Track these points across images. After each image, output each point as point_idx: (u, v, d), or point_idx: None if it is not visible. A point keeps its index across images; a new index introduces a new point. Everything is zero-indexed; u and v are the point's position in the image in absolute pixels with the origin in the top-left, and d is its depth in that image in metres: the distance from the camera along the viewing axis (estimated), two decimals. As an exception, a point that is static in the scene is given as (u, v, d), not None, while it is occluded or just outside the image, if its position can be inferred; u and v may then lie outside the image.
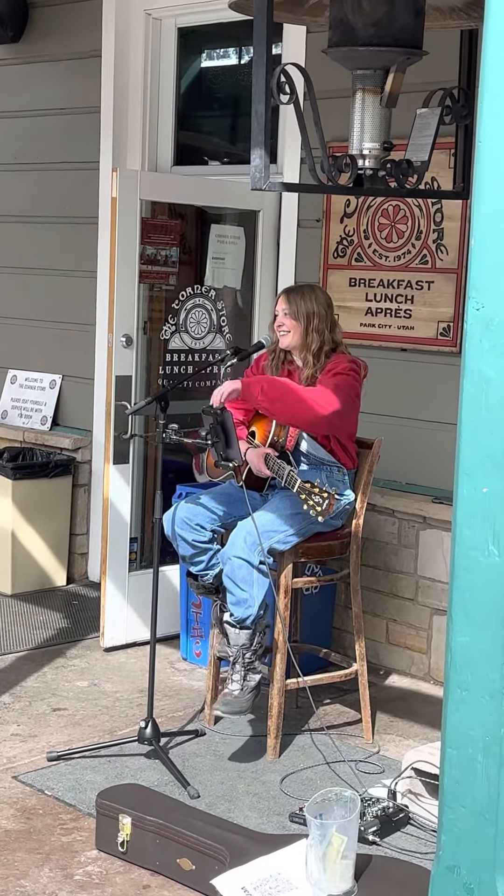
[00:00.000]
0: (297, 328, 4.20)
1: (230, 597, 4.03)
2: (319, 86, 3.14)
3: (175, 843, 3.32)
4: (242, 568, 3.97)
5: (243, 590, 3.98)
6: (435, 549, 4.86)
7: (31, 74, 6.44)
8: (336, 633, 5.14)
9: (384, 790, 3.76)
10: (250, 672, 4.03)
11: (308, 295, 4.24)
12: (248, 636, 4.02)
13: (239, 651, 4.02)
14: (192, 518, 4.22)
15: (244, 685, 4.01)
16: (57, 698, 4.62)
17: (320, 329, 4.19)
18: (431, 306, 4.94)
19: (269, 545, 4.00)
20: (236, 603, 4.01)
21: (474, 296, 2.25)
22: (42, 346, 6.47)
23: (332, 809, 3.13)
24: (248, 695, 4.01)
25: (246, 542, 3.97)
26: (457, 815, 2.39)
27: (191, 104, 6.29)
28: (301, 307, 4.20)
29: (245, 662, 4.02)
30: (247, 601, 3.99)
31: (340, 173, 3.17)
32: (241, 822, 3.62)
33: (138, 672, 4.89)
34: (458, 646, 2.35)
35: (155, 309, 5.48)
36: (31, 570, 5.97)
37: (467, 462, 2.31)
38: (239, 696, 4.00)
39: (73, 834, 3.57)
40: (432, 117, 3.30)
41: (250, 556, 3.96)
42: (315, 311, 4.20)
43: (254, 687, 4.03)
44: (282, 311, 4.24)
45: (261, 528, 3.97)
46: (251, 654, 4.03)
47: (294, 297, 4.24)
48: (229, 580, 4.02)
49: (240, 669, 4.02)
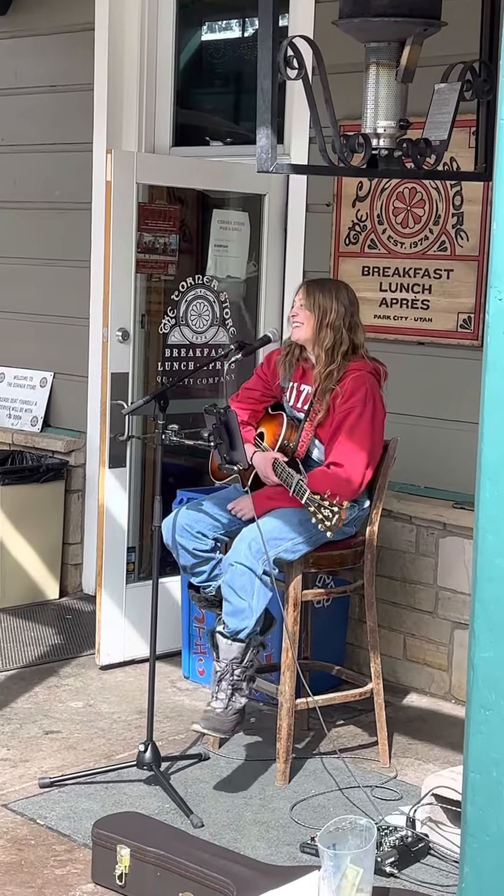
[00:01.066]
0: (309, 321, 4.20)
1: (226, 605, 4.02)
2: (330, 60, 3.14)
3: (177, 875, 3.32)
4: (244, 575, 3.96)
5: (242, 598, 3.97)
6: (456, 558, 4.86)
7: (18, 49, 6.46)
8: (350, 648, 5.14)
9: (402, 818, 3.76)
10: (237, 692, 3.99)
11: (329, 289, 4.23)
12: (241, 650, 4.00)
13: (228, 666, 3.99)
14: (194, 525, 4.22)
15: (229, 705, 3.98)
16: (49, 720, 4.62)
17: (336, 326, 4.17)
18: (451, 296, 4.94)
19: (275, 554, 4.00)
20: (232, 613, 4.00)
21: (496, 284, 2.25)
22: (32, 341, 6.48)
23: (347, 839, 3.13)
24: (231, 716, 3.98)
25: (250, 548, 3.97)
26: (480, 845, 2.39)
27: (191, 81, 6.30)
28: (317, 299, 4.19)
29: (233, 680, 3.99)
30: (244, 612, 3.97)
31: (353, 154, 3.18)
32: (248, 852, 3.62)
33: (137, 692, 4.89)
34: (481, 662, 2.35)
35: (153, 301, 5.49)
36: (21, 582, 5.98)
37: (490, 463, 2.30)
38: (221, 715, 3.97)
39: (67, 866, 3.58)
40: (451, 93, 3.30)
41: (254, 564, 3.96)
42: (332, 307, 4.18)
43: (238, 710, 3.99)
44: (298, 302, 4.25)
45: (267, 536, 3.96)
46: (241, 671, 3.99)
47: (312, 289, 4.23)
48: (228, 587, 4.00)
49: (226, 687, 3.98)
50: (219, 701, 3.99)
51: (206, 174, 5.53)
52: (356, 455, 4.05)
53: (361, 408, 4.09)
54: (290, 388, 4.35)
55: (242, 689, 4.00)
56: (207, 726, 3.98)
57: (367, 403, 4.10)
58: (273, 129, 2.91)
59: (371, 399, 4.11)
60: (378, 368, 4.22)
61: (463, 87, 3.30)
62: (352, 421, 4.08)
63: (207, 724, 3.98)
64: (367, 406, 4.09)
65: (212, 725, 3.98)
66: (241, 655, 3.99)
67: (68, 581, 6.19)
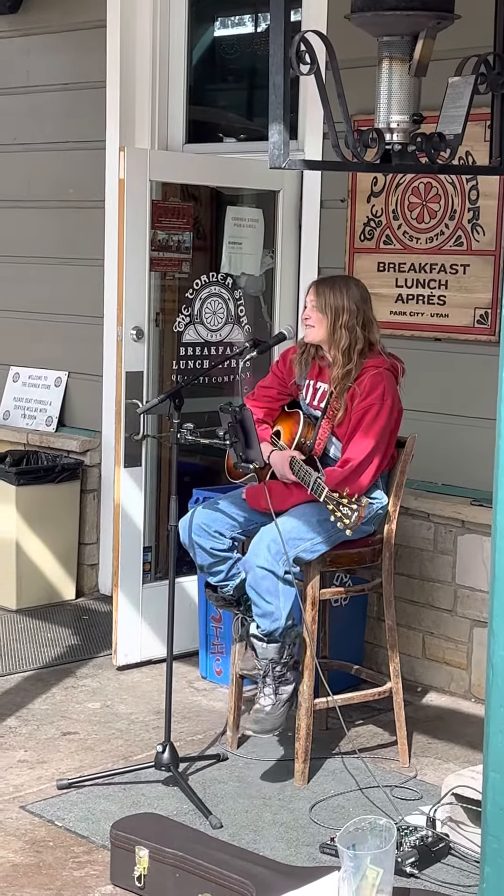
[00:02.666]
0: (322, 323, 4.19)
1: (255, 608, 4.04)
2: (343, 54, 3.14)
3: (196, 877, 3.32)
4: (267, 579, 3.97)
5: (268, 602, 3.99)
6: (474, 556, 4.85)
7: (30, 47, 6.47)
8: (368, 647, 5.14)
9: (422, 818, 3.76)
10: (282, 684, 4.04)
11: (340, 287, 4.22)
12: (277, 649, 4.03)
13: (268, 665, 4.04)
14: (211, 524, 4.23)
15: (276, 699, 4.03)
16: (67, 721, 4.63)
17: (350, 325, 4.16)
18: (467, 292, 4.93)
19: (294, 554, 4.00)
20: (262, 615, 4.02)
21: (514, 280, 2.25)
22: (46, 341, 6.49)
23: (366, 839, 3.13)
24: (280, 709, 4.03)
25: (270, 550, 3.97)
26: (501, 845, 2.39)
27: (203, 77, 6.30)
28: (329, 300, 4.18)
29: (275, 676, 4.04)
30: (273, 613, 4.00)
31: (366, 149, 3.17)
32: (267, 853, 3.62)
33: (154, 692, 4.90)
34: (500, 660, 2.35)
35: (167, 299, 5.49)
36: (37, 583, 5.99)
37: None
38: (271, 712, 4.02)
39: (86, 868, 3.58)
40: (466, 86, 3.29)
41: (275, 567, 3.96)
42: (345, 306, 4.17)
43: (287, 700, 4.05)
44: (309, 303, 4.24)
45: (285, 536, 3.97)
46: (281, 667, 4.04)
47: (323, 289, 4.22)
48: (253, 591, 4.02)
49: (270, 683, 4.03)
50: (266, 698, 4.04)
51: (219, 171, 5.53)
52: (369, 454, 4.06)
53: (379, 406, 4.09)
54: (305, 386, 4.35)
55: (287, 678, 4.05)
56: (258, 729, 4.03)
57: (385, 401, 4.10)
58: (286, 124, 2.90)
59: (389, 397, 4.11)
60: (395, 364, 4.22)
61: (477, 81, 3.29)
62: (368, 420, 4.09)
63: (258, 728, 4.02)
64: (385, 404, 4.10)
65: (262, 728, 4.02)
66: (279, 654, 4.03)
67: (84, 581, 6.20)
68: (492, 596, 2.36)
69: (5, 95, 6.60)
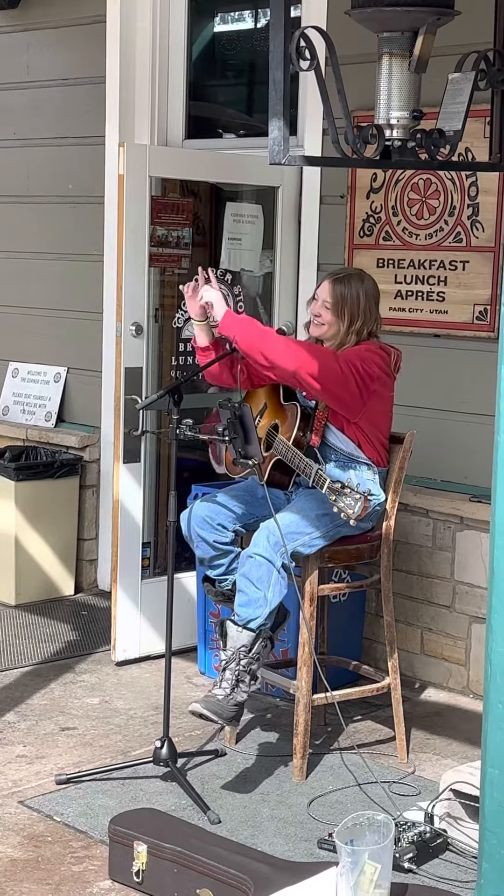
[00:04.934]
0: (334, 325, 4.18)
1: (240, 596, 3.99)
2: (342, 50, 3.13)
3: (194, 872, 3.33)
4: (262, 566, 3.96)
5: (258, 588, 3.95)
6: (473, 552, 4.85)
7: (29, 43, 6.46)
8: (367, 643, 5.14)
9: (420, 813, 3.76)
10: (240, 683, 3.92)
11: (356, 288, 4.18)
12: (250, 639, 3.94)
13: (235, 654, 3.93)
14: (214, 517, 4.22)
15: (231, 695, 3.91)
16: (65, 717, 4.64)
17: (360, 330, 4.17)
18: (466, 288, 4.93)
19: (293, 548, 4.00)
20: (246, 604, 3.97)
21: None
22: (45, 336, 6.49)
23: (365, 835, 3.13)
24: (231, 705, 3.91)
25: (269, 541, 3.97)
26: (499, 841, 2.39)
27: (203, 73, 6.30)
28: (347, 303, 4.15)
29: (238, 669, 3.92)
30: (258, 601, 3.95)
31: (366, 145, 3.17)
32: (265, 849, 3.62)
33: (153, 687, 4.90)
34: (498, 657, 2.35)
35: (167, 295, 5.49)
36: (36, 578, 5.99)
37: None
38: (222, 701, 3.90)
39: (84, 863, 3.59)
40: (465, 83, 3.29)
41: (273, 557, 3.96)
42: (361, 308, 4.16)
43: (240, 701, 3.93)
44: (322, 302, 4.20)
45: (284, 530, 3.97)
46: (247, 661, 3.93)
47: (339, 289, 4.17)
48: (244, 579, 3.99)
49: (230, 676, 3.91)
50: (221, 689, 3.92)
51: (219, 167, 5.52)
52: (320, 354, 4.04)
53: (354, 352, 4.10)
54: None
55: (245, 681, 3.93)
56: (206, 707, 3.88)
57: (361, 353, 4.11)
58: (285, 120, 2.90)
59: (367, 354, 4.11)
60: (386, 349, 4.21)
61: (477, 77, 3.28)
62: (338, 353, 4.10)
63: (206, 706, 3.88)
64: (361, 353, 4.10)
65: (211, 708, 3.88)
66: (250, 645, 3.94)
67: (83, 577, 6.20)
68: (490, 592, 2.37)
69: (5, 90, 6.59)
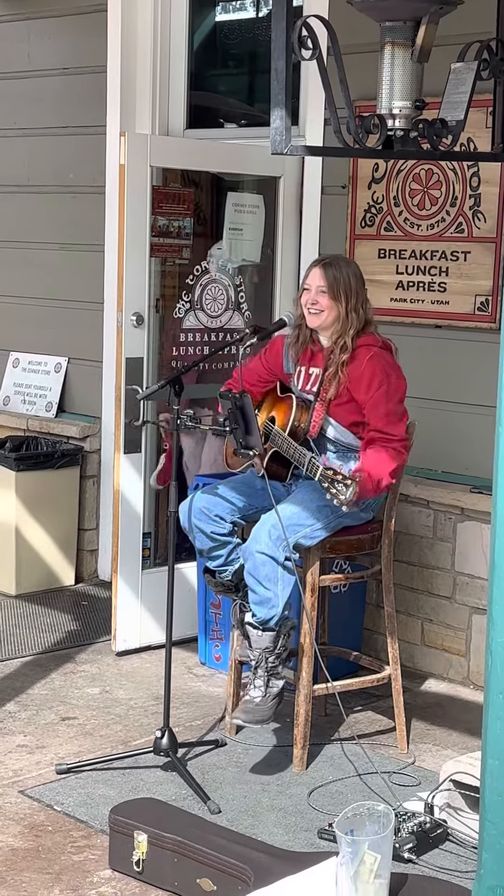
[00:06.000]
0: (333, 309, 4.16)
1: (252, 595, 4.04)
2: (345, 40, 3.13)
3: (195, 861, 3.33)
4: (266, 565, 3.97)
5: (267, 588, 3.99)
6: (474, 543, 4.85)
7: (30, 32, 6.45)
8: (367, 634, 5.15)
9: (420, 804, 3.77)
10: (273, 677, 4.03)
11: (345, 269, 4.19)
12: (272, 638, 4.03)
13: (261, 655, 4.03)
14: (212, 509, 4.23)
15: (267, 692, 4.02)
16: (66, 706, 4.64)
17: (357, 309, 4.17)
18: (468, 279, 4.92)
19: (294, 540, 4.00)
20: (259, 602, 4.02)
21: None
22: (46, 326, 6.48)
23: (365, 825, 3.14)
24: (270, 702, 4.02)
25: (270, 536, 3.98)
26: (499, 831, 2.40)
27: (205, 62, 6.28)
28: (341, 284, 4.15)
29: (268, 667, 4.03)
30: (270, 600, 4.00)
31: (368, 135, 3.16)
32: (265, 838, 3.63)
33: (153, 678, 4.91)
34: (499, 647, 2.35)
35: (167, 285, 5.49)
36: (36, 568, 5.99)
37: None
38: (260, 704, 4.01)
39: (84, 852, 3.59)
40: (468, 72, 3.29)
41: (275, 552, 3.97)
42: (353, 289, 4.17)
43: (276, 694, 4.03)
44: (316, 288, 4.17)
45: (286, 522, 3.97)
46: (274, 657, 4.03)
47: (332, 272, 4.16)
48: (252, 578, 4.02)
49: (262, 675, 4.02)
50: (256, 689, 4.02)
51: (220, 157, 5.51)
52: (399, 424, 4.09)
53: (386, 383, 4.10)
54: (297, 373, 4.34)
55: (279, 672, 4.04)
56: (248, 719, 4.01)
57: (390, 376, 4.12)
58: (287, 110, 2.90)
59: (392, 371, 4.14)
60: (387, 343, 4.22)
61: (479, 67, 3.28)
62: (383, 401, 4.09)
63: (248, 717, 4.01)
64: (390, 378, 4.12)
65: (251, 718, 4.00)
66: (273, 643, 4.03)
67: (84, 567, 6.20)
68: (491, 583, 2.37)
69: (6, 80, 6.58)
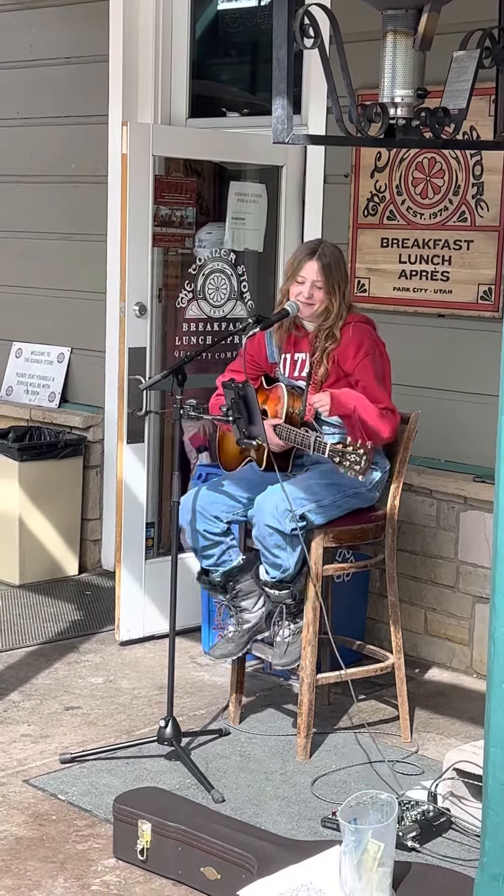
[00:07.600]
0: (326, 301, 4.18)
1: (264, 558, 4.11)
2: (346, 28, 3.12)
3: (199, 850, 3.34)
4: (273, 535, 4.03)
5: (276, 555, 4.06)
6: (477, 532, 4.86)
7: (32, 21, 6.43)
8: (370, 623, 5.15)
9: (424, 792, 3.77)
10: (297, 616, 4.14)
11: (334, 259, 4.22)
12: (290, 593, 4.13)
13: (282, 604, 4.14)
14: (208, 508, 4.22)
15: (294, 628, 4.13)
16: (70, 696, 4.65)
17: (345, 295, 4.23)
18: (471, 268, 4.91)
19: (301, 511, 4.01)
20: (272, 565, 4.09)
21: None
22: (49, 316, 6.48)
23: (368, 813, 3.14)
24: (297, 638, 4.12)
25: (277, 509, 3.99)
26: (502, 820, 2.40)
27: (207, 51, 6.27)
28: (334, 277, 4.18)
29: (291, 611, 4.14)
30: (281, 565, 4.07)
31: (370, 124, 3.16)
32: (269, 827, 3.64)
33: (157, 667, 4.91)
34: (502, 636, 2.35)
35: (170, 275, 5.48)
36: (40, 558, 6.00)
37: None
38: (292, 641, 4.12)
39: (88, 841, 3.60)
40: (470, 61, 3.28)
41: (281, 525, 3.98)
42: (343, 278, 4.24)
43: (298, 629, 4.14)
44: (311, 283, 4.18)
45: (291, 496, 3.98)
46: (295, 603, 4.14)
47: (326, 265, 4.17)
48: (261, 544, 4.09)
49: (288, 616, 4.14)
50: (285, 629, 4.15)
51: (222, 146, 5.51)
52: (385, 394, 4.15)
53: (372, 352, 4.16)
54: (283, 361, 4.34)
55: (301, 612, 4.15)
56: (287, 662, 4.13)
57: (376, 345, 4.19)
58: (289, 99, 2.89)
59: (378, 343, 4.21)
60: (371, 322, 4.29)
61: (482, 55, 3.27)
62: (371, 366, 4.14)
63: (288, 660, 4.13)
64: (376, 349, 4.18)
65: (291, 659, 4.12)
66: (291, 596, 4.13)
67: (87, 557, 6.21)
68: (494, 572, 2.37)
69: (8, 69, 6.57)
